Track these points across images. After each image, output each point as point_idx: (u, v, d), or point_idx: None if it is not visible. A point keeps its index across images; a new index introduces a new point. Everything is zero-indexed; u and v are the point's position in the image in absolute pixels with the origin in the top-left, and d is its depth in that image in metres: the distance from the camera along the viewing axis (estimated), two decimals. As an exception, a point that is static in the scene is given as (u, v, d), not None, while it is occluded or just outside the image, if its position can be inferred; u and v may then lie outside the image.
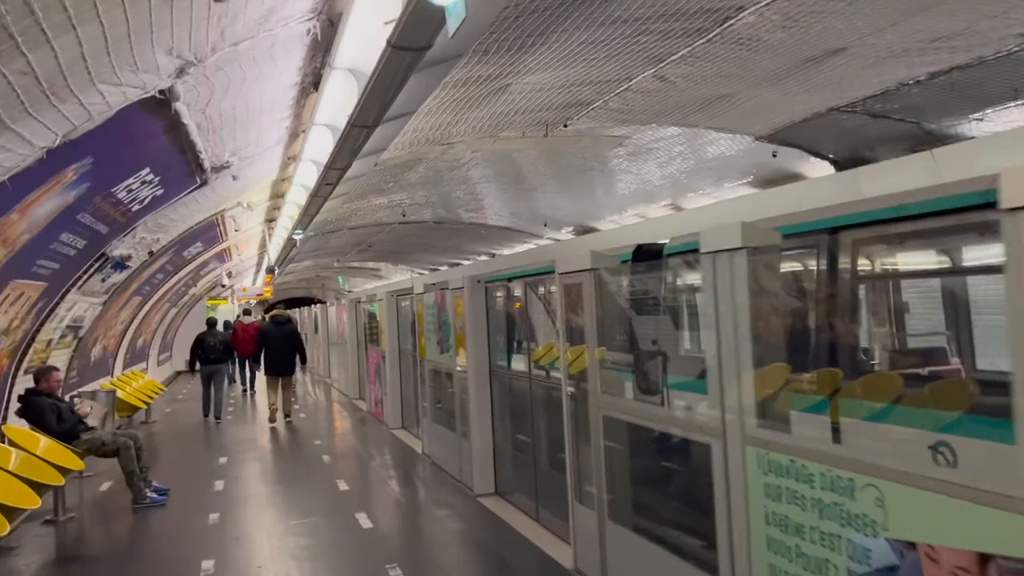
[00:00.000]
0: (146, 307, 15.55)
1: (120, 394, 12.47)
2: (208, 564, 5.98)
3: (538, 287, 7.78)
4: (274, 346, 13.62)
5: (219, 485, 8.77)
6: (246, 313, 19.75)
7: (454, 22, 3.54)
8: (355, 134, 5.86)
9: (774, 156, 9.82)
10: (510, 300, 8.34)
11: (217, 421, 13.91)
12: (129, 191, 7.04)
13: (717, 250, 3.32)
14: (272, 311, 15.57)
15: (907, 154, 8.47)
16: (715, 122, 9.18)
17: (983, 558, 2.25)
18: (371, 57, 4.66)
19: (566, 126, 9.37)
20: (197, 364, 14.33)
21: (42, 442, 7.34)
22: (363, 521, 6.98)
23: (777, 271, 3.61)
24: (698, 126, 9.39)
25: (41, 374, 8.05)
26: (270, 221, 14.52)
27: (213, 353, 14.12)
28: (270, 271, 20.62)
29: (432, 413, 9.80)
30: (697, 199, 12.13)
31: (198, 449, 11.82)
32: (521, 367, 7.55)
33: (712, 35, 6.49)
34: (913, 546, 2.47)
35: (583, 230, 15.36)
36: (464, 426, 8.18)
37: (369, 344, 14.88)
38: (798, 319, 4.20)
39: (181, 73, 4.64)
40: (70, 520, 7.50)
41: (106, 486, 8.77)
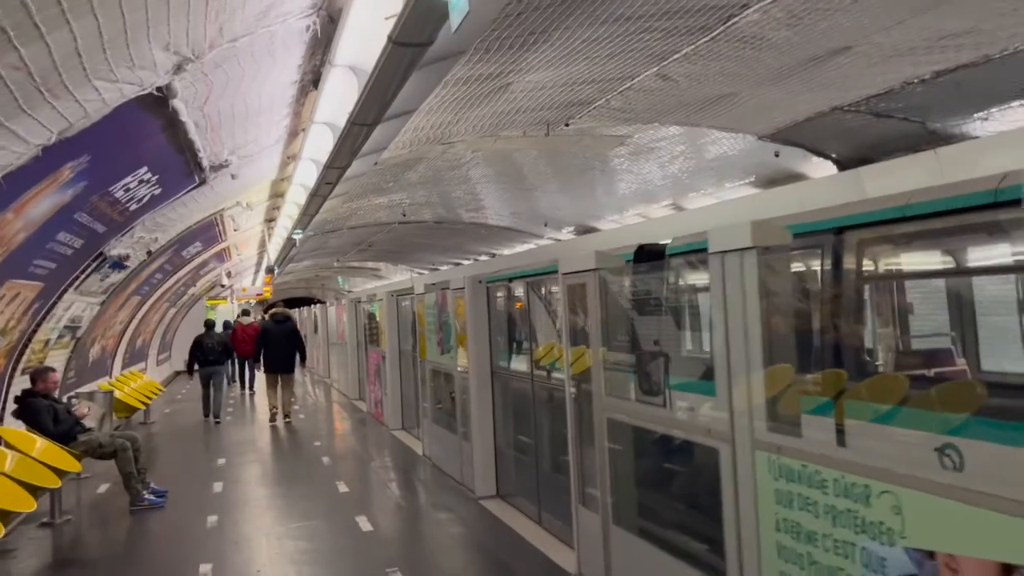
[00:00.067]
0: (145, 307, 15.48)
1: (118, 395, 12.39)
2: (206, 568, 5.92)
3: (540, 287, 7.71)
4: (274, 345, 13.62)
5: (218, 487, 8.71)
6: (244, 314, 19.70)
7: (457, 17, 3.47)
8: (355, 132, 5.79)
9: (776, 156, 9.76)
10: (511, 300, 8.27)
11: (216, 422, 13.90)
12: (127, 190, 6.96)
13: (726, 250, 3.24)
14: (272, 309, 15.52)
15: (911, 154, 8.43)
16: (717, 121, 9.12)
17: (1007, 569, 2.18)
18: (371, 54, 4.59)
19: (567, 125, 9.30)
20: (196, 366, 14.29)
21: (38, 444, 7.27)
22: (363, 524, 6.91)
23: (788, 271, 3.53)
24: (700, 125, 9.33)
25: (38, 375, 7.98)
26: (269, 221, 14.46)
27: (211, 355, 14.13)
28: (269, 271, 20.57)
29: (433, 414, 9.74)
30: (699, 199, 12.06)
31: (197, 450, 11.76)
32: (522, 368, 7.49)
33: (716, 33, 6.44)
34: (932, 555, 2.39)
35: (584, 230, 15.30)
36: (465, 427, 8.11)
37: (369, 344, 14.82)
38: (810, 320, 4.12)
39: (179, 70, 4.57)
40: (67, 522, 7.44)
41: (104, 488, 8.71)
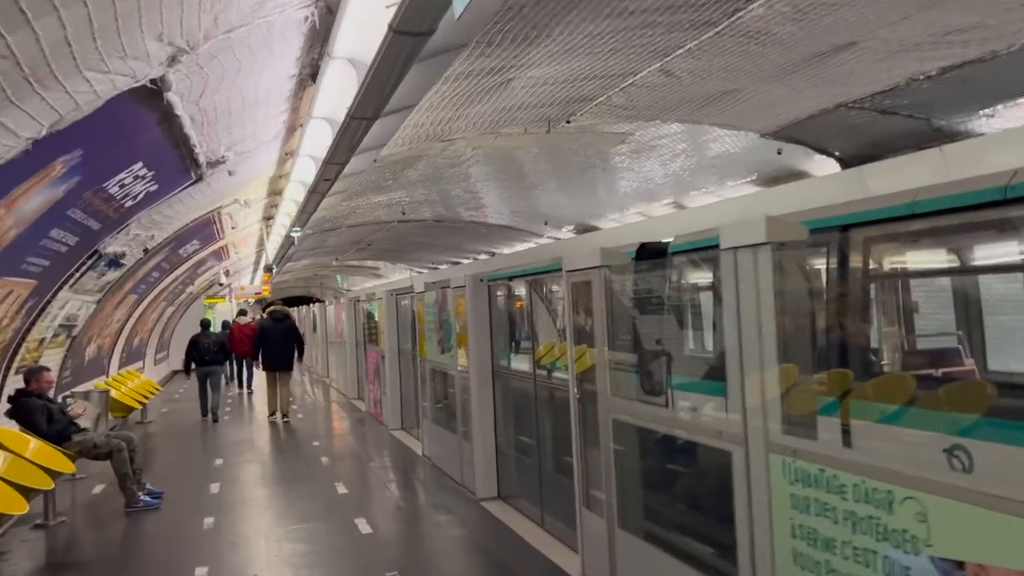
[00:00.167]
0: (142, 306, 15.36)
1: (114, 394, 12.28)
2: (202, 571, 5.81)
3: (541, 286, 7.61)
4: (272, 343, 13.57)
5: (215, 488, 8.59)
6: (241, 313, 19.61)
7: (460, 4, 3.36)
8: (354, 126, 5.68)
9: (779, 153, 9.68)
10: (511, 299, 8.17)
11: (215, 421, 13.86)
12: (122, 186, 6.84)
13: (739, 246, 3.12)
14: (270, 307, 15.44)
15: (915, 151, 8.35)
16: (720, 118, 9.04)
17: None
18: (371, 46, 4.49)
19: (568, 122, 9.21)
20: (192, 366, 14.19)
21: (32, 444, 7.14)
22: (362, 526, 6.80)
23: (804, 268, 3.41)
24: (703, 122, 9.25)
25: (32, 374, 7.87)
26: (268, 219, 14.36)
27: (207, 355, 14.05)
28: (268, 269, 20.48)
29: (432, 414, 9.63)
30: (700, 197, 11.98)
31: (194, 450, 11.65)
32: (523, 367, 7.38)
33: (720, 28, 6.35)
34: (961, 565, 2.28)
35: (584, 229, 15.22)
36: (466, 427, 8.00)
37: (368, 344, 14.73)
38: (826, 318, 4.01)
39: (173, 61, 4.45)
40: (61, 524, 7.32)
41: (99, 489, 8.59)
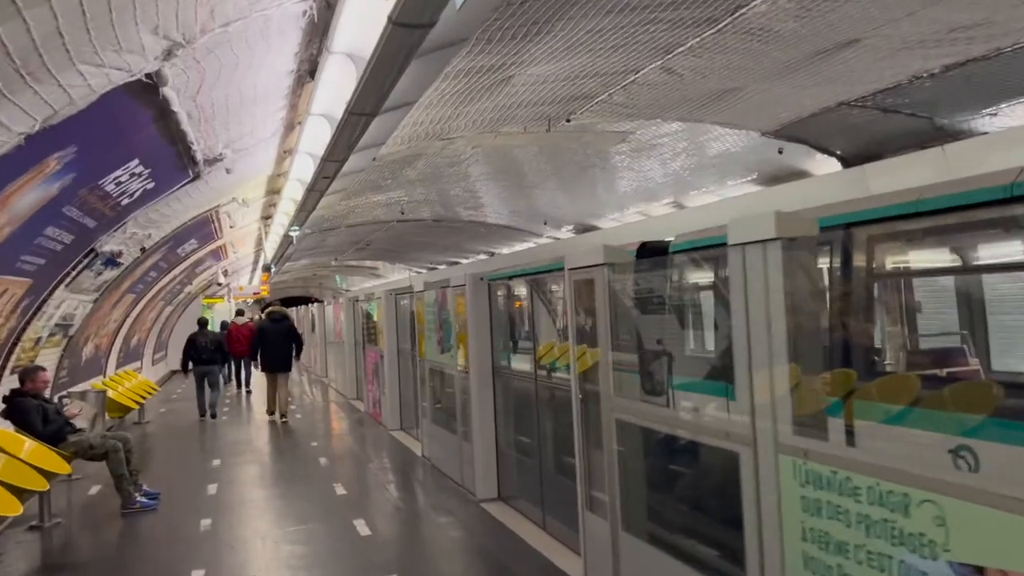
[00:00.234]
0: (140, 305, 15.28)
1: (112, 394, 12.18)
2: (199, 573, 5.74)
3: (542, 285, 7.55)
4: (270, 344, 13.56)
5: (212, 489, 8.51)
6: (239, 314, 19.56)
7: (461, -6, 3.28)
8: (353, 122, 5.60)
9: (780, 152, 9.63)
10: (511, 299, 8.09)
11: (213, 418, 13.90)
12: (118, 183, 6.76)
13: (748, 241, 3.05)
14: (268, 308, 15.42)
15: (917, 150, 8.30)
16: (721, 117, 8.98)
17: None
18: (370, 41, 4.42)
19: (569, 121, 9.14)
20: (190, 365, 14.18)
21: (27, 445, 7.06)
22: (361, 528, 6.73)
23: (815, 265, 3.34)
24: (704, 121, 9.19)
25: (27, 374, 7.80)
26: (266, 218, 14.28)
27: (205, 353, 14.07)
28: (266, 269, 20.41)
29: (432, 414, 9.56)
30: (700, 197, 11.92)
31: (192, 451, 11.57)
32: (524, 366, 7.31)
33: (723, 24, 6.30)
34: (981, 571, 2.20)
35: (583, 228, 15.17)
36: (465, 427, 7.93)
37: (367, 343, 14.66)
38: (836, 316, 3.95)
39: (169, 55, 4.37)
40: (56, 526, 7.24)
41: (95, 490, 8.51)
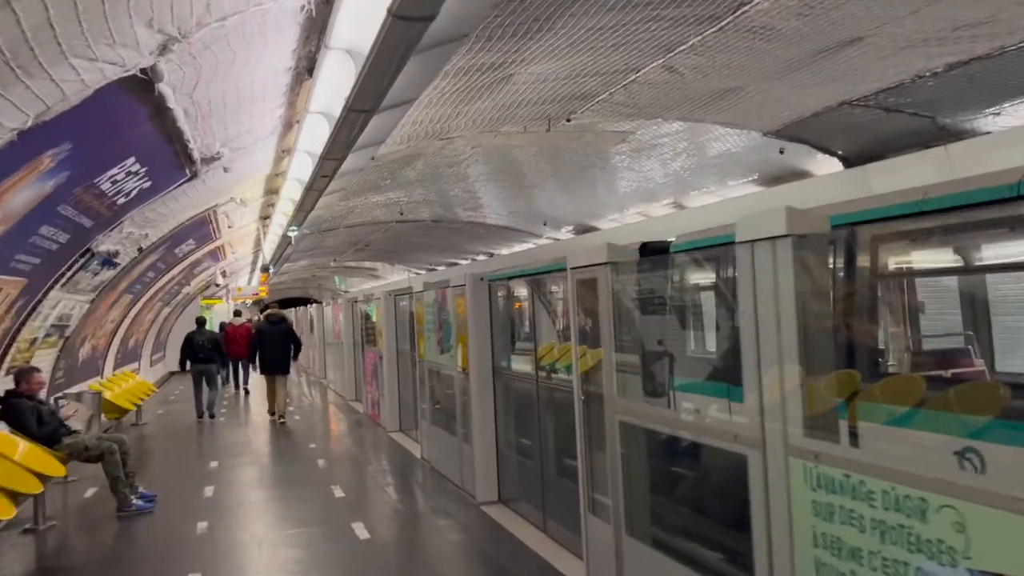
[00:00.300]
0: (137, 306, 15.20)
1: (108, 396, 12.09)
2: (195, 577, 5.67)
3: (542, 286, 7.48)
4: (269, 346, 13.55)
5: (209, 491, 8.43)
6: (236, 314, 19.51)
7: (463, -14, 3.21)
8: (352, 119, 5.53)
9: (781, 152, 9.57)
10: (511, 300, 8.02)
11: (211, 417, 13.88)
12: (114, 182, 6.67)
13: (757, 239, 2.97)
14: (266, 311, 15.38)
15: (920, 150, 8.24)
16: (723, 116, 8.93)
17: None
18: (369, 36, 4.35)
19: (569, 120, 9.08)
20: (187, 363, 14.18)
21: (21, 446, 6.97)
22: (360, 531, 6.65)
23: (825, 263, 3.27)
24: (705, 120, 9.13)
25: (22, 375, 7.72)
26: (264, 218, 14.21)
27: (202, 352, 14.07)
28: (265, 270, 20.32)
29: (431, 416, 9.48)
30: (700, 197, 11.86)
31: (189, 452, 11.50)
32: (525, 367, 7.23)
33: (725, 23, 6.24)
34: (1004, 579, 2.13)
35: (583, 229, 15.11)
36: (465, 429, 7.85)
37: (366, 345, 14.60)
38: (848, 315, 3.88)
39: (164, 50, 4.29)
40: (51, 528, 7.17)
41: (90, 492, 8.43)
